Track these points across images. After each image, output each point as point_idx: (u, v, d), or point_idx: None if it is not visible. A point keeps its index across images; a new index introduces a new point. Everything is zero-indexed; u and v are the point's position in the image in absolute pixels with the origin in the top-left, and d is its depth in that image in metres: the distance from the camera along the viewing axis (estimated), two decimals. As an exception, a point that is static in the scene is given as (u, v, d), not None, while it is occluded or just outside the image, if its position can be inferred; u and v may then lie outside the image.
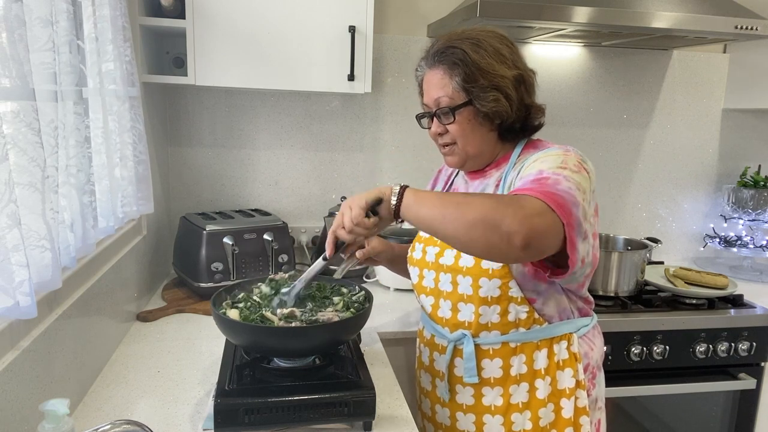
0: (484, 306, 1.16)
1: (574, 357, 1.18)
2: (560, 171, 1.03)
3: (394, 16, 2.15)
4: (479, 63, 1.10)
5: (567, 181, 1.01)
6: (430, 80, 1.17)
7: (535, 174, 1.04)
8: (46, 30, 0.93)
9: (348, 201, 1.08)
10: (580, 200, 1.00)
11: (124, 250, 1.49)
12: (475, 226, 0.94)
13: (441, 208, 0.98)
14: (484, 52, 1.11)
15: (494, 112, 1.12)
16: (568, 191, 0.99)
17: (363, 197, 1.07)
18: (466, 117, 1.15)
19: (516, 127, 1.17)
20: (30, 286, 0.84)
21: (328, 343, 1.14)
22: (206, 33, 1.70)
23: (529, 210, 0.94)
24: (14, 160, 0.83)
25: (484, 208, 0.94)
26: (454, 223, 0.96)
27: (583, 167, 1.07)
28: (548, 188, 0.99)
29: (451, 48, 1.13)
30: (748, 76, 2.32)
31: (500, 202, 0.96)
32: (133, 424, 0.80)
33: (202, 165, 2.12)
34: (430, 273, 1.25)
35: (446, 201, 1.00)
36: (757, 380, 1.88)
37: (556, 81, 2.29)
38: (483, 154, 1.20)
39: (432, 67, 1.17)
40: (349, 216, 1.06)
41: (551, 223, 0.96)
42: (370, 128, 2.20)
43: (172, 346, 1.43)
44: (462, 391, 1.23)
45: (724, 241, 2.37)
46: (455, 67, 1.12)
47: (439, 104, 1.16)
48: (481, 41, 1.12)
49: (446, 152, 1.22)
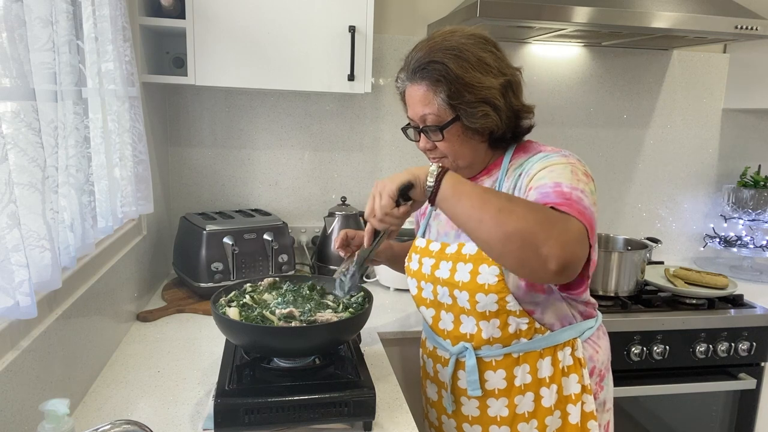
0: (484, 321, 1.15)
1: (579, 362, 1.16)
2: (577, 184, 1.01)
3: (394, 16, 2.15)
4: (464, 77, 1.05)
5: (585, 196, 0.99)
6: (413, 95, 1.11)
7: (552, 186, 1.00)
8: (46, 30, 0.93)
9: (377, 185, 1.01)
10: (594, 217, 0.99)
11: (124, 250, 1.49)
12: (512, 240, 0.89)
13: (480, 211, 0.92)
14: (467, 65, 1.05)
15: (484, 127, 1.09)
16: (590, 209, 0.98)
17: (394, 182, 0.99)
18: (454, 133, 1.10)
19: (507, 136, 1.15)
20: (30, 286, 0.84)
21: (328, 343, 1.14)
22: (206, 33, 1.70)
23: (573, 235, 0.91)
24: (14, 160, 0.83)
25: (528, 223, 0.89)
26: (490, 231, 0.91)
27: (589, 176, 1.06)
28: (578, 205, 0.96)
29: (432, 63, 1.06)
30: (748, 76, 2.32)
31: (546, 217, 0.91)
32: (133, 424, 0.80)
33: (202, 165, 2.12)
34: (428, 285, 1.22)
35: (487, 203, 0.93)
36: (757, 380, 1.88)
37: (556, 81, 2.29)
38: (474, 165, 1.18)
39: (414, 81, 1.10)
40: (378, 205, 0.99)
41: (586, 250, 0.94)
42: (370, 128, 2.20)
43: (172, 346, 1.43)
44: (467, 403, 1.22)
45: (724, 241, 2.37)
46: (438, 84, 1.06)
47: (426, 121, 1.11)
48: (462, 51, 1.06)
49: (436, 163, 1.18)
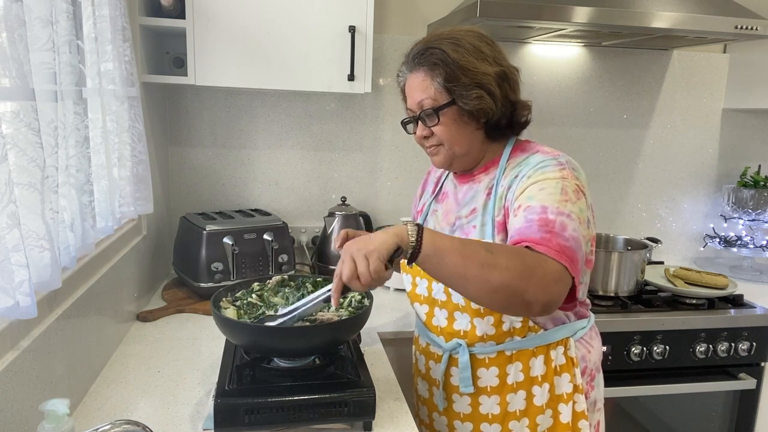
0: (478, 318, 1.16)
1: (571, 362, 1.17)
2: (563, 208, 1.02)
3: (394, 16, 2.15)
4: (459, 61, 1.09)
5: (571, 221, 1.01)
6: (412, 84, 1.15)
7: (538, 212, 1.02)
8: (46, 30, 0.93)
9: (359, 250, 0.92)
10: (581, 240, 1.01)
11: (124, 250, 1.49)
12: (498, 292, 0.93)
13: (463, 269, 0.93)
14: (463, 51, 1.10)
15: (479, 110, 1.11)
16: (574, 236, 1.00)
17: (382, 247, 0.92)
18: (450, 117, 1.13)
19: (502, 123, 1.15)
20: (30, 286, 0.84)
21: (328, 343, 1.14)
22: (206, 33, 1.70)
23: (551, 277, 0.95)
24: (14, 160, 0.83)
25: (510, 275, 0.92)
26: (476, 286, 0.93)
27: (581, 191, 1.07)
28: (559, 239, 0.98)
29: (431, 49, 1.11)
30: (748, 76, 2.32)
31: (525, 266, 0.94)
32: (133, 424, 0.80)
33: (202, 165, 2.12)
34: (422, 281, 1.23)
35: (469, 258, 0.93)
36: (757, 380, 1.88)
37: (556, 81, 2.29)
38: (470, 153, 1.18)
39: (413, 70, 1.15)
40: (367, 270, 0.91)
41: (567, 285, 0.98)
42: (370, 128, 2.20)
43: (172, 346, 1.43)
44: (459, 400, 1.22)
45: (724, 241, 2.37)
46: (436, 68, 1.10)
47: (423, 107, 1.14)
48: (460, 40, 1.11)
49: (432, 152, 1.20)
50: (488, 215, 1.15)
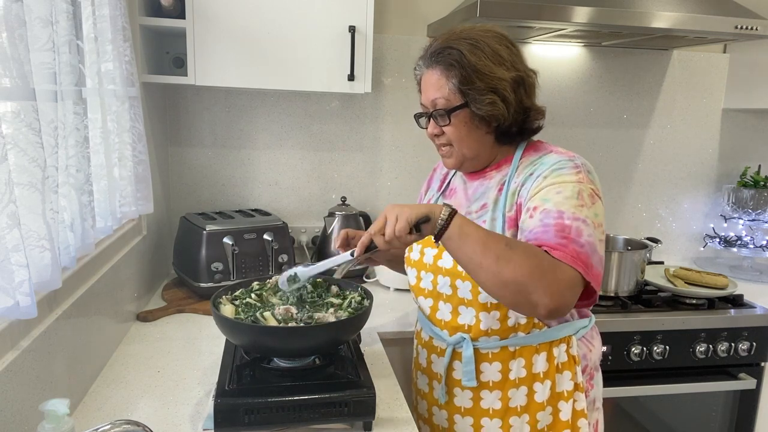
0: (484, 312, 1.16)
1: (573, 360, 1.18)
2: (579, 213, 1.04)
3: (394, 16, 2.15)
4: (476, 65, 1.09)
5: (586, 226, 1.03)
6: (428, 80, 1.16)
7: (555, 216, 1.03)
8: (46, 30, 0.93)
9: (394, 209, 1.02)
10: (596, 244, 1.03)
11: (124, 250, 1.49)
12: (507, 287, 0.97)
13: (481, 255, 0.98)
14: (481, 54, 1.10)
15: (490, 115, 1.12)
16: (589, 241, 1.02)
17: (412, 212, 1.00)
18: (461, 119, 1.14)
19: (513, 130, 1.16)
20: (30, 286, 0.84)
21: (328, 343, 1.14)
22: (206, 33, 1.70)
23: (564, 283, 0.97)
24: (14, 160, 0.83)
25: (523, 272, 0.95)
26: (488, 275, 0.98)
27: (596, 195, 1.08)
28: (575, 245, 1.00)
29: (449, 49, 1.12)
30: (748, 76, 2.32)
31: (539, 267, 0.96)
32: (133, 424, 0.80)
33: (202, 165, 2.12)
34: (428, 275, 1.24)
35: (488, 248, 0.98)
36: (757, 380, 1.88)
37: (556, 81, 2.29)
38: (480, 157, 1.20)
39: (429, 67, 1.16)
40: (393, 227, 1.00)
41: (578, 292, 1.00)
42: (370, 128, 2.20)
43: (172, 346, 1.43)
44: (460, 394, 1.23)
45: (724, 241, 2.37)
46: (452, 69, 1.11)
47: (436, 105, 1.15)
48: (479, 41, 1.11)
49: (444, 153, 1.22)
50: (499, 210, 1.16)
